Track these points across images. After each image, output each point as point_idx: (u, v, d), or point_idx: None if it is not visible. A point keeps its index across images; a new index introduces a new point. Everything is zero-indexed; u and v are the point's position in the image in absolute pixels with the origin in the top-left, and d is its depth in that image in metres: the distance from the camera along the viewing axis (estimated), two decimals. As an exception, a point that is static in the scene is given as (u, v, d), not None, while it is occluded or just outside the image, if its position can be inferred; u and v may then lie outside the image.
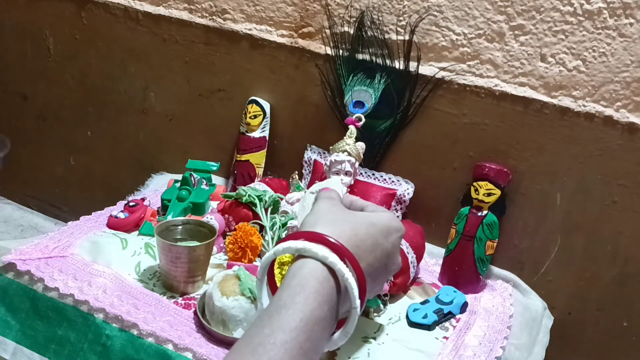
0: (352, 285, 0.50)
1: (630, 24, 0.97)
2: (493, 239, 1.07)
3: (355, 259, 0.51)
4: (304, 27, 1.22)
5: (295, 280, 0.49)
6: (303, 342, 0.45)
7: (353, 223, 0.56)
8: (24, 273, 0.91)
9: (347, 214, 0.59)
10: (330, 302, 0.49)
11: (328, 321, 0.48)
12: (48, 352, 0.88)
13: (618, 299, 1.08)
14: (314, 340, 0.46)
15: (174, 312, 0.88)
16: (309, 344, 0.45)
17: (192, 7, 1.32)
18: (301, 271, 0.50)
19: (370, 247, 0.55)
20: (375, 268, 0.56)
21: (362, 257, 0.53)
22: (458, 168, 1.14)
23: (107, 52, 1.44)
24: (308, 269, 0.50)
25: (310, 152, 1.25)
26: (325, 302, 0.48)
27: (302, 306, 0.47)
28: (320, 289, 0.49)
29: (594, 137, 1.03)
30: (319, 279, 0.49)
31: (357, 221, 0.57)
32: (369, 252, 0.55)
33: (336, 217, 0.57)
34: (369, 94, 1.13)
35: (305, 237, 0.52)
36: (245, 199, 1.07)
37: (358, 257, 0.53)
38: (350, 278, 0.50)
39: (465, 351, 0.87)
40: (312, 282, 0.49)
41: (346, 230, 0.54)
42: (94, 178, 1.58)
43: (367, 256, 0.54)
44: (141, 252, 1.00)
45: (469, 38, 1.09)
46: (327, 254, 0.50)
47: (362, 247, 0.54)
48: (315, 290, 0.48)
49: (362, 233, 0.55)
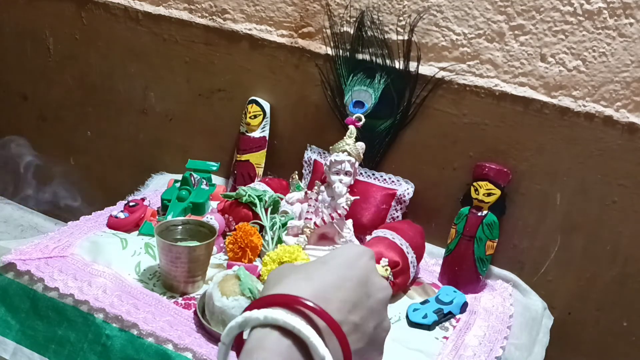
0: (304, 332, 0.43)
1: (630, 24, 0.97)
2: (493, 239, 1.07)
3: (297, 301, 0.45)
4: (304, 27, 1.22)
5: (242, 356, 0.43)
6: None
7: (306, 271, 0.50)
8: (24, 273, 0.91)
9: (297, 267, 0.52)
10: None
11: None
12: (48, 352, 0.88)
13: (618, 299, 1.08)
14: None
15: (174, 312, 0.88)
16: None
17: (192, 7, 1.32)
18: (247, 345, 0.44)
19: (335, 283, 0.49)
20: (352, 303, 0.49)
21: (329, 299, 0.47)
22: (458, 168, 1.14)
23: (107, 52, 1.44)
24: (254, 340, 0.44)
25: (310, 152, 1.25)
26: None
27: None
28: (269, 356, 0.43)
29: (594, 137, 1.03)
30: (266, 344, 0.43)
31: (310, 268, 0.51)
32: (335, 288, 0.49)
33: (284, 276, 0.50)
34: (369, 94, 1.13)
35: (248, 308, 0.46)
36: (245, 199, 1.07)
37: (324, 300, 0.47)
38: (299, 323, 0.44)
39: (465, 351, 0.87)
40: (258, 352, 0.43)
41: (299, 280, 0.48)
42: (94, 178, 1.58)
43: (334, 294, 0.48)
44: (141, 252, 1.00)
45: (469, 38, 1.09)
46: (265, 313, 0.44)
47: (326, 288, 0.48)
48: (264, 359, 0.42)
49: (320, 274, 0.50)
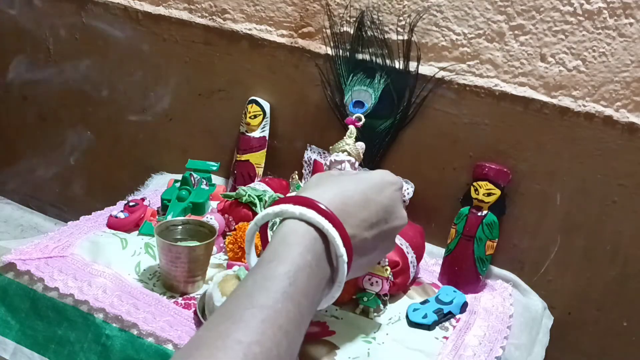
0: (331, 232, 0.51)
1: (630, 24, 0.97)
2: (493, 239, 1.07)
3: (327, 211, 0.52)
4: (304, 27, 1.22)
5: (275, 239, 0.51)
6: (287, 286, 0.46)
7: (339, 183, 0.58)
8: (24, 273, 0.91)
9: (335, 177, 0.60)
10: (313, 251, 0.50)
11: (313, 269, 0.49)
12: (48, 352, 0.88)
13: (618, 299, 1.08)
14: (299, 286, 0.47)
15: (174, 312, 0.88)
16: (293, 288, 0.46)
17: (192, 7, 1.32)
18: (282, 230, 0.51)
19: (360, 202, 0.57)
20: (370, 223, 0.57)
21: (352, 213, 0.55)
22: (458, 168, 1.14)
23: (107, 52, 1.44)
24: (288, 227, 0.52)
25: (310, 152, 1.25)
26: (307, 252, 0.49)
27: (283, 258, 0.48)
28: (301, 240, 0.50)
29: (594, 137, 1.03)
30: (299, 232, 0.51)
31: (344, 181, 0.59)
32: (361, 207, 0.56)
33: (321, 182, 0.58)
34: (368, 93, 1.13)
35: (283, 202, 0.54)
36: (245, 199, 1.07)
37: (346, 214, 0.54)
38: (327, 225, 0.51)
39: (465, 351, 0.87)
40: (292, 237, 0.50)
41: (330, 190, 0.56)
42: (94, 178, 1.58)
43: (357, 212, 0.56)
44: (141, 252, 1.00)
45: (469, 38, 1.09)
46: (302, 210, 0.52)
47: (350, 204, 0.56)
48: (296, 242, 0.50)
49: (350, 191, 0.57)
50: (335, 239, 0.51)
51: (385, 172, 0.63)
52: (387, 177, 0.62)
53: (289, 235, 0.51)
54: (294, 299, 0.46)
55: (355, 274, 0.62)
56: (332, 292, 0.53)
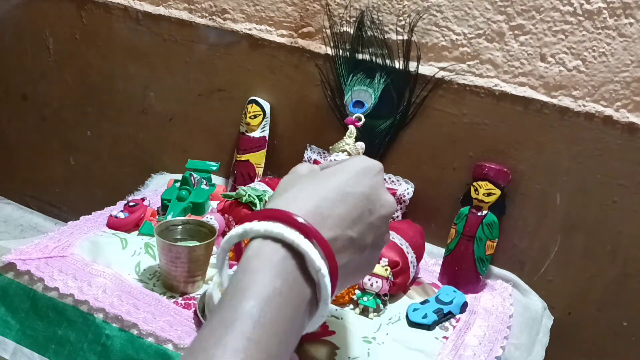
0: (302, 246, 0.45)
1: (630, 24, 0.97)
2: (493, 239, 1.07)
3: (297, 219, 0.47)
4: (304, 27, 1.22)
5: (240, 266, 0.46)
6: (251, 330, 0.41)
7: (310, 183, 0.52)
8: (23, 273, 0.91)
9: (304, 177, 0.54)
10: (283, 274, 0.45)
11: (285, 296, 0.44)
12: (48, 352, 0.88)
13: (618, 299, 1.08)
14: (269, 320, 0.42)
15: (174, 312, 0.88)
16: (260, 327, 0.41)
17: (192, 7, 1.32)
18: (246, 254, 0.46)
19: (336, 198, 0.51)
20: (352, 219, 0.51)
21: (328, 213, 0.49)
22: (458, 168, 1.14)
23: (107, 52, 1.44)
24: (252, 250, 0.46)
25: (310, 152, 1.25)
26: (275, 277, 0.44)
27: (247, 291, 0.43)
28: (267, 264, 0.45)
29: (594, 137, 1.03)
30: (264, 254, 0.46)
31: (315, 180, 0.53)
32: (338, 204, 0.50)
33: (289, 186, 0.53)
34: (368, 93, 1.13)
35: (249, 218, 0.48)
36: (245, 199, 1.07)
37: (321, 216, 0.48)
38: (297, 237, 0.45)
39: (465, 351, 0.87)
40: (256, 262, 0.45)
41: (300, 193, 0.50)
42: (94, 178, 1.58)
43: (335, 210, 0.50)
44: (141, 252, 1.00)
45: (468, 38, 1.09)
46: (267, 226, 0.46)
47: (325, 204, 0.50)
48: (260, 269, 0.44)
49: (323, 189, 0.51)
50: (309, 253, 0.45)
51: (360, 159, 0.56)
52: (362, 164, 0.55)
53: (252, 259, 0.45)
54: (268, 332, 0.42)
55: (355, 280, 0.56)
56: (319, 311, 0.48)
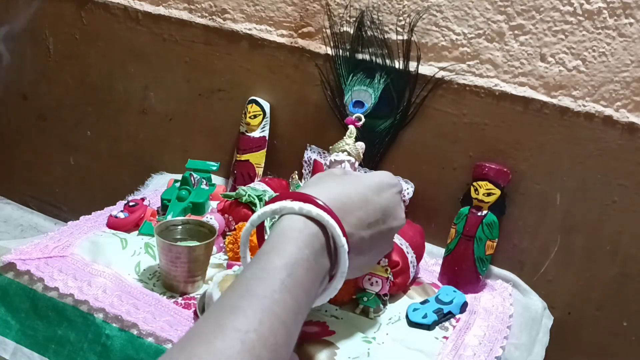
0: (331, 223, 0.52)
1: (630, 23, 0.97)
2: (493, 239, 1.07)
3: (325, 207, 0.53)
4: (304, 27, 1.22)
5: (274, 233, 0.52)
6: (284, 278, 0.47)
7: (339, 183, 0.60)
8: (23, 273, 0.91)
9: (336, 176, 0.62)
10: (311, 246, 0.51)
11: (311, 263, 0.50)
12: (48, 352, 0.88)
13: (618, 299, 1.08)
14: (296, 278, 0.48)
15: (174, 312, 0.88)
16: (290, 280, 0.47)
17: (192, 7, 1.32)
18: (280, 225, 0.52)
19: (359, 202, 0.58)
20: (368, 223, 0.58)
21: (350, 212, 0.56)
22: (458, 168, 1.14)
23: (107, 52, 1.44)
24: (286, 222, 0.53)
25: (310, 152, 1.25)
26: (305, 246, 0.50)
27: (281, 251, 0.49)
28: (299, 235, 0.51)
29: (594, 137, 1.03)
30: (297, 227, 0.52)
31: (344, 181, 0.60)
32: (359, 207, 0.58)
33: (321, 181, 0.60)
34: (368, 93, 1.13)
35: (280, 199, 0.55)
36: (245, 199, 1.07)
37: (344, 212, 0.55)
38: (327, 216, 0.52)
39: (465, 351, 0.87)
40: (290, 231, 0.51)
41: (329, 189, 0.57)
42: (94, 178, 1.58)
43: (355, 211, 0.57)
44: (141, 252, 1.00)
45: (468, 38, 1.09)
46: (301, 205, 0.53)
47: (349, 203, 0.57)
48: (294, 237, 0.51)
49: (349, 190, 0.58)
50: (336, 229, 0.52)
51: (385, 174, 0.64)
52: (386, 179, 0.63)
53: (287, 229, 0.52)
54: (291, 291, 0.46)
55: (353, 275, 0.63)
56: (334, 284, 0.54)
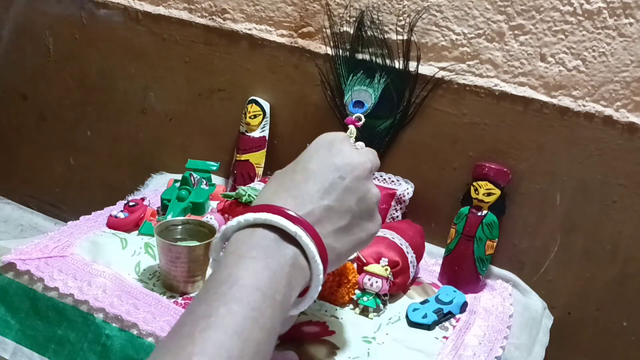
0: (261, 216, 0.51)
1: (630, 23, 0.97)
2: (493, 239, 1.07)
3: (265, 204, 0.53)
4: (304, 27, 1.22)
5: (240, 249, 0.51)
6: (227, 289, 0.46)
7: (280, 178, 0.58)
8: (23, 273, 0.91)
9: (278, 175, 0.60)
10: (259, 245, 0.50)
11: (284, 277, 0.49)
12: (48, 352, 0.88)
13: (618, 299, 1.08)
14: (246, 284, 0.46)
15: (174, 312, 0.88)
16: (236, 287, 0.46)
17: (192, 7, 1.32)
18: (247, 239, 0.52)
19: (302, 177, 0.57)
20: (323, 189, 0.56)
21: (297, 194, 0.55)
22: (458, 168, 1.14)
23: (107, 52, 1.44)
24: (236, 238, 0.52)
25: (310, 152, 1.25)
26: (250, 249, 0.50)
27: (222, 265, 0.49)
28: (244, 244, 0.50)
29: (594, 137, 1.03)
30: (240, 238, 0.51)
31: (285, 171, 0.59)
32: (304, 180, 0.56)
33: (281, 180, 0.58)
34: (368, 93, 1.13)
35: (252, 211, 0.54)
36: (245, 199, 1.07)
37: (291, 197, 0.54)
38: (262, 214, 0.51)
39: (465, 351, 0.87)
40: (234, 245, 0.51)
41: (270, 185, 0.57)
42: (94, 178, 1.58)
43: (301, 185, 0.56)
44: (141, 252, 1.00)
45: (468, 38, 1.09)
46: (239, 218, 0.52)
47: (292, 185, 0.56)
48: (236, 250, 0.50)
49: (288, 176, 0.57)
50: (279, 222, 0.51)
51: (319, 137, 0.63)
52: (320, 140, 0.62)
53: (232, 244, 0.51)
54: (240, 299, 0.45)
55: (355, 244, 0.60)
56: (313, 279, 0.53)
